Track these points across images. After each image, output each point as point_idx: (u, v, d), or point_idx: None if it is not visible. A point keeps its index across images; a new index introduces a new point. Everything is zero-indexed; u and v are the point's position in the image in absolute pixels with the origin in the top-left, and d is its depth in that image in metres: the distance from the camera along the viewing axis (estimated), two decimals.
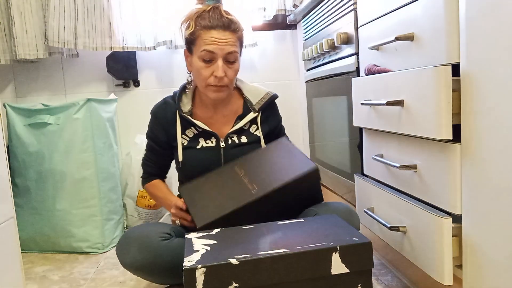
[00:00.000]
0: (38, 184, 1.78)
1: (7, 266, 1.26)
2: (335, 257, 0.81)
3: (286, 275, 0.79)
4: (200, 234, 0.93)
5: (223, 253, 0.80)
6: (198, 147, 1.23)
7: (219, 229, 0.96)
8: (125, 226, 2.01)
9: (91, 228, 1.78)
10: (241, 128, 1.25)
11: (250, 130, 1.26)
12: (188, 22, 1.17)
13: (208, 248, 0.84)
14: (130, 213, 1.99)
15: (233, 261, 0.77)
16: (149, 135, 1.31)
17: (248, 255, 0.78)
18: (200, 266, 0.76)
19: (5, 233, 1.26)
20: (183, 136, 1.23)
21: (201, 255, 0.80)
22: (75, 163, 1.75)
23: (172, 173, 1.38)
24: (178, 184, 1.32)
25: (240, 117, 1.26)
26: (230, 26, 1.13)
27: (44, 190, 1.78)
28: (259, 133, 1.26)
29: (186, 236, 0.93)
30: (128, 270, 1.08)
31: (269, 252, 0.79)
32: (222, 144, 1.23)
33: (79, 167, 1.76)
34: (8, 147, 1.77)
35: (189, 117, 1.22)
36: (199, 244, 0.86)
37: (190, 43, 1.16)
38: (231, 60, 1.13)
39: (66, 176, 1.75)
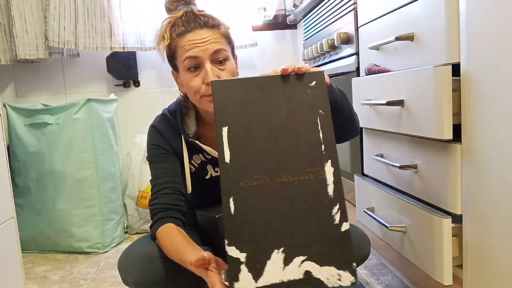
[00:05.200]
0: (38, 184, 1.78)
1: (8, 266, 1.26)
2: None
3: None
4: None
5: None
6: (207, 177, 1.08)
7: None
8: (125, 226, 2.01)
9: (91, 228, 1.78)
10: None
11: None
12: (161, 36, 1.01)
13: None
14: (130, 213, 1.99)
15: None
16: (152, 152, 1.05)
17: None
18: None
19: (5, 233, 1.26)
20: (191, 162, 1.07)
21: None
22: (75, 163, 1.75)
23: None
24: None
25: None
26: (207, 23, 0.97)
27: (44, 190, 1.78)
28: None
29: None
30: (130, 287, 1.03)
31: None
32: None
33: (79, 167, 1.76)
34: (8, 147, 1.77)
35: (197, 142, 1.03)
36: None
37: (172, 58, 1.01)
38: (220, 59, 0.96)
39: (66, 176, 1.75)
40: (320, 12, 1.64)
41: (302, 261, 0.65)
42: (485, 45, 0.71)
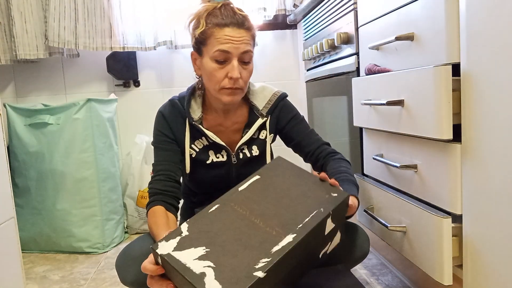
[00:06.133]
0: (38, 184, 1.78)
1: (8, 266, 1.27)
2: (329, 221, 0.81)
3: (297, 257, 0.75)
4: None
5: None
6: (208, 161, 1.12)
7: None
8: (125, 226, 2.01)
9: (92, 228, 1.78)
10: (251, 138, 1.14)
11: (260, 137, 1.16)
12: (197, 21, 1.05)
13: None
14: (130, 213, 1.99)
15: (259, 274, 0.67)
16: (156, 139, 1.12)
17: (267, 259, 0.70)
18: None
19: (5, 233, 1.26)
20: (192, 146, 1.12)
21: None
22: (75, 163, 1.75)
23: None
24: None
25: (248, 125, 1.15)
26: (244, 23, 1.03)
27: (45, 190, 1.78)
28: (267, 138, 1.15)
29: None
30: (128, 287, 1.03)
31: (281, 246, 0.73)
32: (234, 160, 1.13)
33: (79, 167, 1.76)
34: (8, 147, 1.77)
35: (200, 126, 1.10)
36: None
37: (200, 43, 1.05)
38: (246, 60, 1.04)
39: (66, 176, 1.76)
40: (320, 12, 1.64)
41: (210, 266, 0.70)
42: (485, 45, 0.71)
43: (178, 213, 1.09)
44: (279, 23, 2.20)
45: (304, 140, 1.14)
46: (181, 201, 1.14)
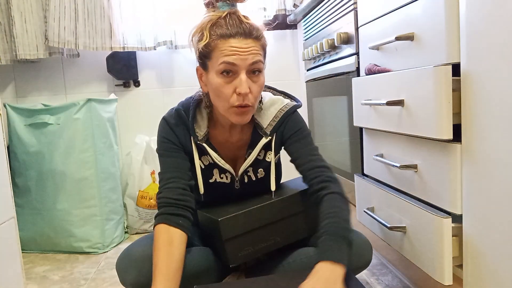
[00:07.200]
0: (39, 184, 1.78)
1: (8, 266, 1.26)
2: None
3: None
4: None
5: None
6: (211, 180, 1.07)
7: None
8: (125, 226, 2.01)
9: (92, 228, 1.78)
10: (256, 159, 1.06)
11: (267, 159, 1.08)
12: (200, 33, 0.96)
13: None
14: (130, 213, 1.99)
15: None
16: (162, 146, 1.04)
17: None
18: None
19: (5, 233, 1.26)
20: (200, 160, 1.06)
21: None
22: (76, 163, 1.75)
23: None
24: None
25: (251, 145, 1.05)
26: (251, 32, 0.94)
27: (45, 190, 1.78)
28: (272, 161, 1.07)
29: None
30: None
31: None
32: (237, 185, 1.08)
33: (80, 167, 1.76)
34: (8, 147, 1.77)
35: (205, 146, 1.03)
36: None
37: (205, 57, 0.96)
38: (255, 72, 0.95)
39: (67, 176, 1.76)
40: (320, 12, 1.64)
41: None
42: (485, 45, 0.71)
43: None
44: (279, 23, 2.20)
45: (299, 159, 1.03)
46: None
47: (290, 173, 1.15)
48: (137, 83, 2.15)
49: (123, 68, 2.08)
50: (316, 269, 0.80)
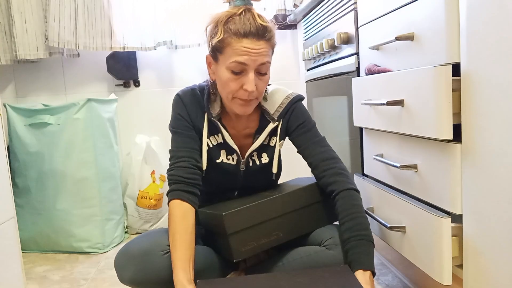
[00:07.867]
0: (39, 184, 1.78)
1: (8, 266, 1.27)
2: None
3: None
4: None
5: None
6: (218, 160, 1.10)
7: None
8: (125, 226, 2.01)
9: (92, 228, 1.78)
10: (261, 144, 1.11)
11: (271, 144, 1.13)
12: (215, 27, 1.00)
13: None
14: (130, 213, 1.99)
15: None
16: (176, 123, 1.09)
17: None
18: None
19: (5, 233, 1.26)
20: (208, 139, 1.10)
21: None
22: (76, 163, 1.75)
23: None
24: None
25: (259, 131, 1.11)
26: (264, 34, 0.98)
27: (45, 190, 1.78)
28: (277, 145, 1.12)
29: None
30: (126, 285, 1.01)
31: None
32: (242, 167, 1.11)
33: (80, 167, 1.76)
34: (8, 147, 1.77)
35: (218, 123, 1.07)
36: None
37: (217, 50, 1.00)
38: (262, 71, 1.00)
39: (67, 176, 1.75)
40: (320, 12, 1.64)
41: None
42: (485, 45, 0.71)
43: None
44: (279, 23, 2.20)
45: (308, 150, 1.09)
46: None
47: (290, 172, 1.16)
48: (137, 83, 2.15)
49: (123, 68, 2.08)
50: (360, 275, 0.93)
